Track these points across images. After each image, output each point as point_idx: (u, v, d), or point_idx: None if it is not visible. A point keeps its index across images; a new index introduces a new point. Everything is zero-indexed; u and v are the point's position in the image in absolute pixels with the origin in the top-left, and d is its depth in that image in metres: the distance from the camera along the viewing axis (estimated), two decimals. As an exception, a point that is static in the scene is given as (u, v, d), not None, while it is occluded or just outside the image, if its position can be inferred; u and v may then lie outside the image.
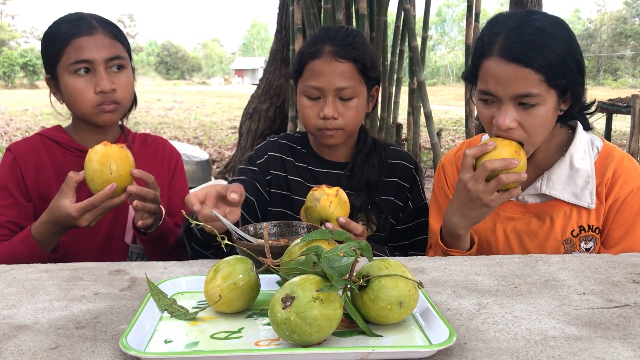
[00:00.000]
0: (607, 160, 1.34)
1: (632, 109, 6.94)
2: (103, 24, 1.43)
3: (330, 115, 1.42)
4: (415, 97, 4.68)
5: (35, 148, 1.48)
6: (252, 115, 6.25)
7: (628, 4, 54.80)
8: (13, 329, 0.83)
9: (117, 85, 1.40)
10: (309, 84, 1.44)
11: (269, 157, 1.56)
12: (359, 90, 1.45)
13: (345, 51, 1.42)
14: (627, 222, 1.31)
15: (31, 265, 1.16)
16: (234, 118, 14.35)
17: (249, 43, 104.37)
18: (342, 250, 0.81)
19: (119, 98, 1.42)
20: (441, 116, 15.12)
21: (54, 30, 1.42)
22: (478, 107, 1.30)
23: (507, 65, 1.19)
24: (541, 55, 1.18)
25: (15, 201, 1.42)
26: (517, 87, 1.19)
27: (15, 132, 11.28)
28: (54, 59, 1.41)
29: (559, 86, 1.21)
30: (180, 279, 0.99)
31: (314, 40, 1.48)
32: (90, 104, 1.40)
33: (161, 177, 1.57)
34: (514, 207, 1.38)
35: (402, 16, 4.32)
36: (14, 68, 40.29)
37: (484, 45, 1.24)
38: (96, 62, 1.38)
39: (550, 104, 1.22)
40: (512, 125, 1.22)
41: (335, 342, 0.79)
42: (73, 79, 1.39)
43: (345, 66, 1.42)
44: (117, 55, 1.41)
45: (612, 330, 0.82)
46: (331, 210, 1.25)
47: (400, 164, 1.55)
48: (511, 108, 1.21)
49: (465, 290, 1.00)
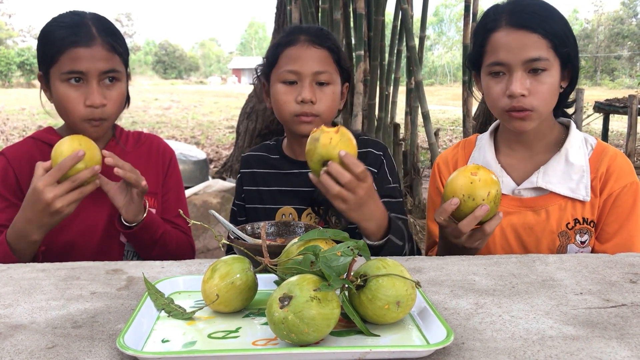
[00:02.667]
0: (601, 156, 1.37)
1: (629, 109, 6.95)
2: (103, 34, 1.39)
3: (308, 99, 1.41)
4: (412, 97, 4.69)
5: (29, 151, 1.46)
6: (249, 114, 6.25)
7: (625, 5, 54.94)
8: (10, 329, 0.83)
9: (107, 100, 1.38)
10: (285, 68, 1.43)
11: (241, 175, 1.59)
12: (334, 77, 1.46)
13: (320, 40, 1.45)
14: (621, 217, 1.34)
15: (28, 264, 1.16)
16: (232, 117, 14.34)
17: (246, 42, 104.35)
18: (340, 250, 0.81)
19: (107, 114, 1.39)
20: (439, 116, 15.14)
21: (51, 32, 1.38)
22: (487, 85, 1.34)
23: (516, 32, 1.28)
24: (546, 23, 1.27)
25: (9, 204, 1.41)
26: (528, 52, 1.27)
27: (12, 132, 11.25)
28: (48, 61, 1.38)
29: (562, 56, 1.29)
30: (178, 279, 0.99)
31: (288, 32, 1.50)
32: (78, 115, 1.37)
33: (156, 175, 1.57)
34: (510, 201, 1.39)
35: (400, 16, 4.32)
36: (11, 67, 40.20)
37: (489, 23, 1.32)
38: (90, 74, 1.35)
39: (555, 72, 1.29)
40: (525, 92, 1.28)
41: (332, 342, 0.78)
42: (64, 87, 1.36)
43: (321, 52, 1.44)
44: (112, 68, 1.38)
45: (610, 330, 0.82)
46: (332, 147, 1.13)
47: (370, 153, 1.52)
48: (522, 76, 1.28)
49: (463, 289, 1.00)
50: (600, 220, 1.36)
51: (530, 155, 1.41)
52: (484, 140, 1.48)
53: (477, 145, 1.50)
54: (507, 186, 1.40)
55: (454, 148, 1.56)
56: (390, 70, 4.63)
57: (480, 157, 1.46)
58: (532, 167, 1.39)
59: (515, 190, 1.39)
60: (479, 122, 7.12)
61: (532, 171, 1.39)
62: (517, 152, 1.42)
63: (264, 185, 1.55)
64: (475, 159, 1.47)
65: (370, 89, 4.18)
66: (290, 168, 1.53)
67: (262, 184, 1.55)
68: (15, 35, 59.63)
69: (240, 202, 1.60)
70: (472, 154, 1.50)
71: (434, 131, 4.35)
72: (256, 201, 1.55)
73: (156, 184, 1.56)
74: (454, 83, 49.93)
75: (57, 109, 1.42)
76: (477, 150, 1.49)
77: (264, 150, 1.60)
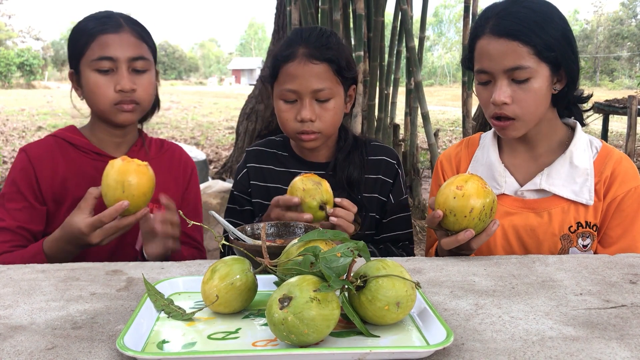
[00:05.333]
0: (606, 160, 1.35)
1: (628, 110, 6.95)
2: (130, 23, 1.43)
3: (307, 118, 1.40)
4: (412, 97, 4.69)
5: (51, 151, 1.45)
6: (249, 115, 6.24)
7: (625, 5, 54.96)
8: (9, 330, 0.83)
9: (137, 86, 1.39)
10: (285, 87, 1.42)
11: (247, 169, 1.56)
12: (335, 91, 1.43)
13: (319, 52, 1.40)
14: (625, 222, 1.32)
15: (27, 265, 1.16)
16: (231, 118, 14.34)
17: (246, 43, 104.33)
18: (340, 251, 0.81)
19: (139, 98, 1.40)
20: (438, 117, 15.14)
21: (81, 26, 1.42)
22: (477, 91, 1.34)
23: (496, 40, 1.26)
24: (527, 28, 1.24)
25: (28, 205, 1.40)
26: (507, 61, 1.25)
27: (12, 132, 11.24)
28: (78, 54, 1.40)
29: (550, 60, 1.25)
30: (178, 279, 0.99)
31: (287, 43, 1.45)
32: (109, 101, 1.38)
33: (176, 186, 1.55)
34: (512, 202, 1.38)
35: (400, 17, 4.32)
36: (11, 68, 40.18)
37: (477, 28, 1.31)
38: (119, 60, 1.37)
39: (542, 78, 1.26)
40: (507, 100, 1.26)
41: (332, 343, 0.78)
42: (94, 75, 1.38)
43: (320, 67, 1.40)
44: (141, 55, 1.40)
45: (609, 330, 0.82)
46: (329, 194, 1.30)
47: (382, 160, 1.53)
48: (505, 84, 1.26)
49: (463, 290, 1.00)
50: (604, 225, 1.34)
51: (534, 156, 1.39)
52: (487, 139, 1.47)
53: (481, 144, 1.49)
54: (510, 187, 1.39)
55: (457, 146, 1.55)
56: (389, 70, 4.63)
57: (484, 156, 1.45)
58: (536, 169, 1.38)
59: (518, 191, 1.38)
60: (478, 122, 7.12)
61: (536, 172, 1.37)
62: (520, 152, 1.41)
63: (272, 182, 1.54)
64: (479, 158, 1.46)
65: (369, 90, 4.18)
66: (300, 167, 1.52)
67: (270, 180, 1.54)
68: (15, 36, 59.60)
69: (243, 195, 1.56)
70: (475, 153, 1.48)
71: (433, 132, 4.35)
72: (264, 197, 1.52)
73: (176, 195, 1.53)
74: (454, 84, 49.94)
75: (87, 99, 1.42)
76: (481, 150, 1.47)
77: (272, 147, 1.58)
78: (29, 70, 40.88)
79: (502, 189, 1.39)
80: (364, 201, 1.50)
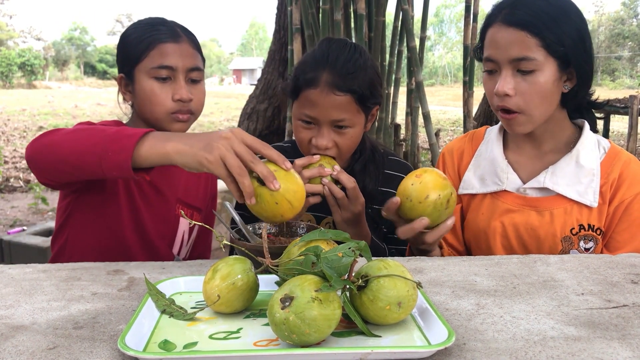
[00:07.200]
0: (614, 161, 1.33)
1: (629, 110, 6.95)
2: (187, 33, 1.44)
3: (323, 146, 1.37)
4: (413, 97, 4.69)
5: None
6: (250, 115, 6.25)
7: (626, 5, 54.91)
8: (11, 329, 0.83)
9: (193, 96, 1.40)
10: (304, 111, 1.37)
11: None
12: (355, 121, 1.38)
13: (343, 82, 1.33)
14: (632, 226, 1.29)
15: (29, 265, 1.16)
16: (232, 118, 14.35)
17: (247, 43, 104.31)
18: (341, 251, 0.81)
19: (194, 109, 1.42)
20: (439, 117, 15.14)
21: (138, 32, 1.41)
22: (483, 80, 1.33)
23: (506, 29, 1.24)
24: (539, 20, 1.22)
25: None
26: (514, 50, 1.23)
27: (13, 132, 11.26)
28: (134, 60, 1.39)
29: (558, 55, 1.23)
30: (179, 279, 0.99)
31: (312, 64, 1.38)
32: (165, 109, 1.38)
33: (204, 190, 1.59)
34: (513, 199, 1.36)
35: (401, 16, 4.32)
36: (12, 68, 40.24)
37: (490, 17, 1.30)
38: (178, 69, 1.38)
39: (549, 73, 1.24)
40: (510, 92, 1.24)
41: (334, 343, 0.78)
42: (152, 82, 1.38)
43: (342, 99, 1.34)
44: (197, 66, 1.42)
45: (611, 330, 0.82)
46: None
47: (397, 177, 1.50)
48: (509, 74, 1.25)
49: (464, 290, 1.00)
50: (610, 229, 1.31)
51: (539, 154, 1.37)
52: (493, 134, 1.45)
53: (486, 138, 1.47)
54: (512, 183, 1.37)
55: (461, 139, 1.53)
56: (390, 70, 4.63)
57: (487, 151, 1.43)
58: (540, 167, 1.36)
59: (521, 188, 1.35)
60: (479, 122, 7.13)
61: (540, 170, 1.35)
62: (525, 149, 1.39)
63: None
64: (482, 152, 1.45)
65: (370, 90, 4.17)
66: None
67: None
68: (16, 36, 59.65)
69: None
70: (479, 147, 1.47)
71: (434, 132, 4.34)
72: None
73: (204, 200, 1.57)
74: (455, 83, 49.93)
75: (142, 105, 1.41)
76: (485, 144, 1.46)
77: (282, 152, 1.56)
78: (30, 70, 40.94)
79: (504, 185, 1.37)
80: (375, 214, 1.48)
